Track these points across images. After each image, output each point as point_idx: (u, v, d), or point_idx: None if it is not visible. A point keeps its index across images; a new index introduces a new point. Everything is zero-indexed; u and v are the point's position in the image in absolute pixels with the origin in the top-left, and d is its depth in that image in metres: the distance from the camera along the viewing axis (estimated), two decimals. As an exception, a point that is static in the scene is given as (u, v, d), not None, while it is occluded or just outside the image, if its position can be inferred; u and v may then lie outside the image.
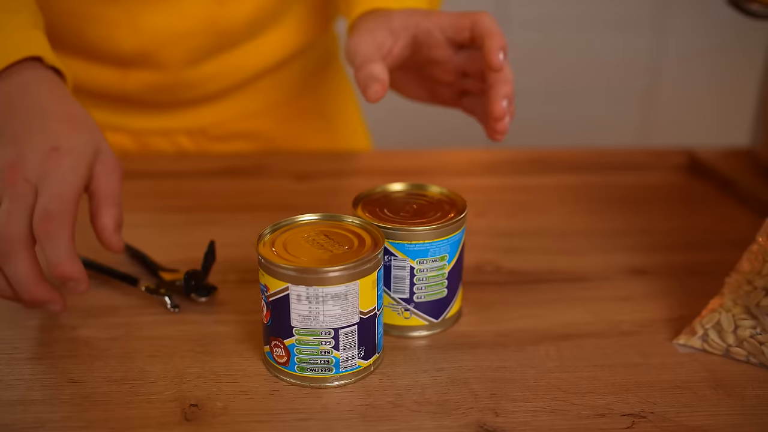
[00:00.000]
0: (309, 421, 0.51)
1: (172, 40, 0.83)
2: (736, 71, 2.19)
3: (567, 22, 2.18)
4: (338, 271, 0.51)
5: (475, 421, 0.51)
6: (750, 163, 0.90)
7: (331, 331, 0.53)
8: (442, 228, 0.57)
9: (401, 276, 0.58)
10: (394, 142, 1.11)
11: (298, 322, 0.53)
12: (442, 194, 0.63)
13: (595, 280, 0.69)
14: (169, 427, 0.50)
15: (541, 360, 0.58)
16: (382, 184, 0.64)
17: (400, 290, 0.59)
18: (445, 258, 0.59)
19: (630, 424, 0.51)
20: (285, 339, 0.54)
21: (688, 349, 0.59)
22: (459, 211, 0.60)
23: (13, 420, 0.51)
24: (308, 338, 0.53)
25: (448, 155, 0.99)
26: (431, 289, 0.59)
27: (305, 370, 0.54)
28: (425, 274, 0.58)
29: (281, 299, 0.52)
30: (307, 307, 0.52)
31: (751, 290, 0.57)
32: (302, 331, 0.53)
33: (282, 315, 0.53)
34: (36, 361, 0.57)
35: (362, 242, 0.55)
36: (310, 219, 0.58)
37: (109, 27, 0.82)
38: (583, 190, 0.87)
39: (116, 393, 0.53)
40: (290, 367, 0.54)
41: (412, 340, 0.60)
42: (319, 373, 0.54)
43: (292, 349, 0.54)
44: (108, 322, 0.61)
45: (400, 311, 0.60)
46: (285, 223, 0.57)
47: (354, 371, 0.55)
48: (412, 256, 0.58)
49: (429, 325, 0.61)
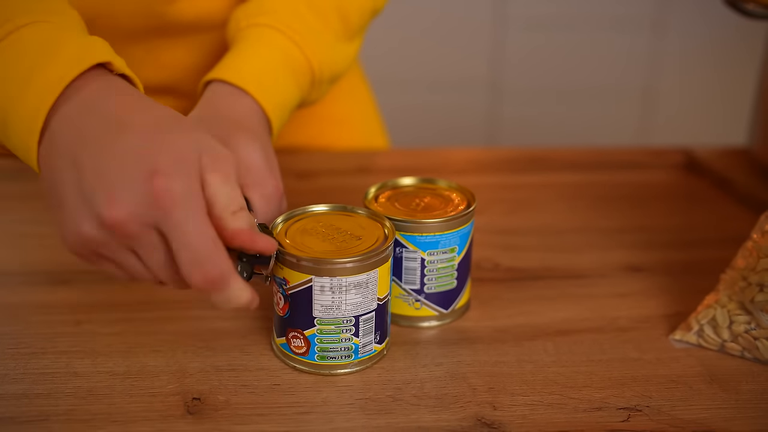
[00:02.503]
0: (310, 414, 0.52)
1: (195, 74, 0.83)
2: (736, 71, 2.19)
3: (566, 22, 2.18)
4: (359, 261, 0.53)
5: (473, 414, 0.52)
6: (747, 162, 0.91)
7: (352, 318, 0.54)
8: (453, 220, 0.59)
9: (412, 267, 0.60)
10: (393, 142, 1.12)
11: (321, 313, 0.54)
12: (450, 188, 0.64)
13: (592, 277, 0.70)
14: (172, 420, 0.51)
15: (538, 355, 0.59)
16: (393, 179, 0.65)
17: (411, 281, 0.60)
18: (455, 250, 0.60)
19: (626, 418, 0.52)
20: (305, 330, 0.55)
21: (684, 344, 0.60)
22: (468, 204, 0.61)
23: (18, 413, 0.52)
24: (330, 327, 0.54)
25: (447, 154, 1.00)
26: (441, 280, 0.61)
27: (325, 359, 0.55)
28: (436, 266, 0.60)
29: (303, 291, 0.53)
30: (330, 297, 0.53)
31: (746, 286, 0.58)
32: (324, 321, 0.54)
33: (303, 307, 0.54)
34: (40, 355, 0.57)
35: (371, 232, 0.57)
36: (320, 210, 0.59)
37: (132, 65, 0.81)
38: (581, 189, 0.88)
39: (119, 387, 0.54)
40: (310, 357, 0.55)
41: (415, 332, 0.61)
42: (339, 360, 0.56)
43: (313, 339, 0.55)
44: (111, 318, 0.62)
45: (411, 302, 0.61)
46: (296, 213, 0.59)
47: (370, 356, 0.57)
48: (423, 248, 0.59)
49: (439, 316, 0.62)
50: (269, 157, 0.61)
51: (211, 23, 0.80)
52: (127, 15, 0.76)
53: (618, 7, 2.18)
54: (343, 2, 0.73)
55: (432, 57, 2.18)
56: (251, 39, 0.69)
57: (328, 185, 0.89)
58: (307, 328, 0.54)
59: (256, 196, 0.59)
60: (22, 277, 0.67)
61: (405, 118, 2.11)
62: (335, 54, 0.73)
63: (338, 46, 0.73)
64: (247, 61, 0.67)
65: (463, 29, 2.17)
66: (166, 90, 0.85)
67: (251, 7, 0.71)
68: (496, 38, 2.18)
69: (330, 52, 0.72)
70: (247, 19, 0.70)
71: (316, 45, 0.70)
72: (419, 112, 2.20)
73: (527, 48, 2.19)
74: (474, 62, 2.20)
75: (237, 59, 0.67)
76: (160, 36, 0.80)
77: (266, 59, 0.67)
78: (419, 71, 2.19)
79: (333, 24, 0.73)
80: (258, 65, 0.67)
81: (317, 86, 0.72)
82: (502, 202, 0.85)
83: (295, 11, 0.70)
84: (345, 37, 0.74)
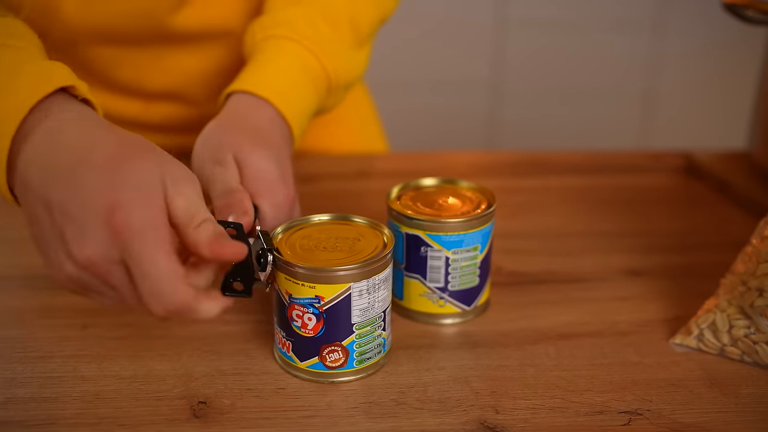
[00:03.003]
0: (314, 418, 0.53)
1: (199, 80, 0.84)
2: (736, 73, 2.20)
3: (567, 23, 2.19)
4: (386, 257, 0.55)
5: (476, 418, 0.53)
6: (747, 165, 0.91)
7: (381, 314, 0.56)
8: (476, 219, 0.61)
9: (437, 266, 0.61)
10: (393, 145, 1.12)
11: (359, 317, 0.55)
12: (470, 188, 0.66)
13: (593, 281, 0.71)
14: (178, 423, 0.52)
15: (540, 359, 0.59)
16: (415, 179, 0.67)
17: (436, 279, 0.62)
18: (477, 248, 0.62)
19: (627, 421, 0.53)
20: (343, 340, 0.55)
21: (684, 348, 0.61)
22: (489, 203, 0.63)
23: (26, 417, 0.52)
24: (366, 329, 0.56)
25: (448, 157, 1.00)
26: (465, 278, 0.62)
27: (363, 362, 0.56)
28: (459, 264, 0.61)
29: (341, 303, 0.54)
30: (366, 300, 0.54)
31: (745, 291, 0.59)
32: (362, 324, 0.55)
33: (340, 318, 0.54)
34: (47, 359, 0.58)
35: (370, 235, 0.58)
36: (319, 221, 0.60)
37: (137, 69, 0.82)
38: (582, 192, 0.89)
39: (126, 390, 0.55)
40: (348, 366, 0.56)
41: (417, 335, 0.62)
42: (373, 358, 0.57)
43: (352, 346, 0.55)
44: (117, 322, 0.62)
45: (435, 299, 0.62)
46: (295, 224, 0.59)
47: (390, 346, 0.59)
48: (448, 247, 0.60)
49: (462, 313, 0.63)
50: (282, 165, 0.62)
51: (215, 32, 0.81)
52: (131, 25, 0.77)
53: (618, 9, 2.18)
54: (354, 12, 0.75)
55: (433, 59, 2.18)
56: (269, 50, 0.70)
57: (328, 189, 0.89)
58: (346, 337, 0.55)
59: (266, 204, 0.60)
60: (24, 281, 0.68)
61: (406, 120, 2.12)
62: (349, 61, 0.74)
63: (351, 54, 0.75)
64: (267, 71, 0.68)
65: (464, 31, 2.17)
66: (170, 96, 0.85)
67: (266, 19, 0.73)
68: (497, 40, 2.19)
69: (344, 59, 0.73)
70: (263, 32, 0.72)
71: (332, 53, 0.71)
72: (420, 114, 2.21)
73: (528, 50, 2.19)
74: (475, 64, 2.20)
75: (257, 70, 0.68)
76: (165, 43, 0.80)
77: (285, 69, 0.69)
78: (420, 73, 2.19)
79: (345, 33, 0.74)
80: (278, 75, 0.68)
81: (333, 93, 0.73)
82: (503, 205, 0.85)
83: (310, 22, 0.72)
84: (356, 44, 0.76)
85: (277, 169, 0.61)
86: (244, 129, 0.64)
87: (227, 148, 0.62)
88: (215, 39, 0.82)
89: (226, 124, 0.65)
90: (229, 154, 0.62)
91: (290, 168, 0.64)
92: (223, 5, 0.80)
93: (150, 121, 0.88)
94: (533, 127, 2.25)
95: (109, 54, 0.80)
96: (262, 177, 0.61)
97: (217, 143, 0.63)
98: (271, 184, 0.61)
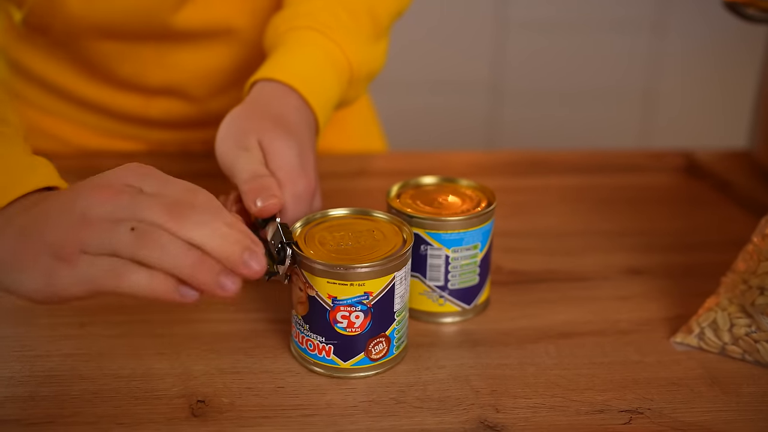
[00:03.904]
0: (314, 416, 0.52)
1: (200, 76, 0.84)
2: (737, 72, 2.20)
3: (567, 23, 2.19)
4: (405, 248, 0.55)
5: (476, 417, 0.53)
6: (747, 165, 0.91)
7: (405, 295, 0.57)
8: (476, 218, 0.61)
9: (437, 264, 0.61)
10: (393, 144, 1.12)
11: (399, 304, 0.55)
12: (470, 187, 0.66)
13: (594, 279, 0.71)
14: (177, 422, 0.52)
15: (540, 358, 0.59)
16: (415, 178, 0.66)
17: (436, 278, 0.61)
18: (477, 246, 0.61)
19: (627, 420, 0.53)
20: (386, 330, 0.55)
21: (685, 347, 0.60)
22: (489, 202, 0.63)
23: (25, 416, 0.52)
24: (402, 315, 0.56)
25: (447, 157, 1.00)
26: (465, 276, 0.62)
27: (400, 347, 0.57)
28: (459, 262, 0.61)
29: (386, 294, 0.54)
30: (404, 286, 0.55)
31: (747, 289, 0.58)
32: (399, 311, 0.56)
33: (385, 309, 0.55)
34: (45, 357, 0.58)
35: (388, 229, 0.58)
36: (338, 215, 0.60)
37: (139, 64, 0.82)
38: (583, 192, 0.89)
39: (124, 389, 0.55)
40: (389, 354, 0.56)
41: (417, 334, 0.61)
42: (405, 340, 0.58)
43: (393, 333, 0.56)
44: (115, 320, 0.62)
45: (435, 298, 0.62)
46: (311, 219, 0.59)
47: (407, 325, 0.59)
48: (448, 245, 0.60)
49: (461, 311, 0.63)
50: (304, 155, 0.62)
51: (216, 30, 0.81)
52: (134, 22, 0.77)
53: (618, 9, 2.18)
54: (373, 3, 0.75)
55: (433, 59, 2.18)
56: (292, 41, 0.70)
57: (327, 188, 0.89)
58: (389, 326, 0.55)
59: (287, 194, 0.59)
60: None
61: (406, 120, 2.12)
62: (369, 52, 0.74)
63: (370, 45, 0.75)
64: (292, 60, 0.68)
65: (464, 31, 2.17)
66: (171, 91, 0.85)
67: (288, 12, 0.73)
68: (497, 40, 2.19)
69: (364, 50, 0.73)
70: (285, 24, 0.72)
71: (353, 43, 0.71)
72: (420, 114, 2.21)
73: (528, 50, 2.19)
74: (475, 64, 2.20)
75: (281, 59, 0.68)
76: (167, 40, 0.80)
77: (310, 58, 0.68)
78: (420, 73, 2.19)
79: (365, 24, 0.74)
80: (302, 63, 0.68)
81: (355, 84, 0.73)
82: (502, 205, 0.85)
83: (331, 12, 0.72)
84: (375, 36, 0.76)
85: (297, 158, 0.61)
86: (269, 115, 0.63)
87: (252, 133, 0.62)
88: (217, 37, 0.82)
89: (251, 110, 0.64)
90: (254, 139, 0.61)
91: (312, 158, 0.63)
92: (224, 4, 0.80)
93: (150, 116, 0.88)
94: (533, 128, 2.25)
95: (111, 49, 0.80)
96: (281, 167, 0.60)
97: (241, 129, 0.62)
98: (291, 174, 0.60)
